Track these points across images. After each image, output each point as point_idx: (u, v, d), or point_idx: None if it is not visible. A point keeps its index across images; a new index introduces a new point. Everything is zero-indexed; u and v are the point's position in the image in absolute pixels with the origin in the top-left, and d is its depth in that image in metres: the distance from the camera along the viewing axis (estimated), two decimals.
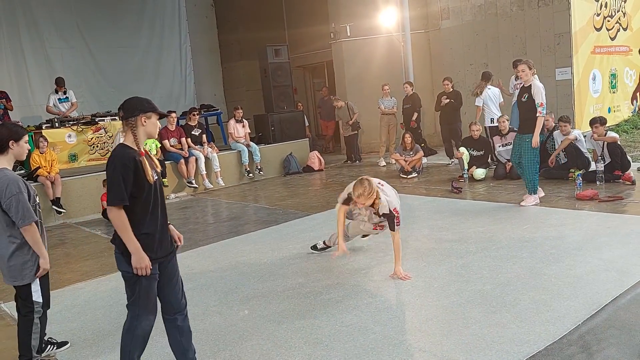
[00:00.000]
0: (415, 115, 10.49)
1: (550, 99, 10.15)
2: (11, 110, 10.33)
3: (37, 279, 3.30)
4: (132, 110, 2.77)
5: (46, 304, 3.41)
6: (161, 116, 2.92)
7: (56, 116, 9.70)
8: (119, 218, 2.68)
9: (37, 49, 12.60)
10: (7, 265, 3.22)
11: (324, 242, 5.18)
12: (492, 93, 9.09)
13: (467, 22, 11.63)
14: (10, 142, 3.22)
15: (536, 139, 6.08)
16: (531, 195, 6.36)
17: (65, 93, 10.36)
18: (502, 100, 9.29)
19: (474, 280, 4.12)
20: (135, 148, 2.75)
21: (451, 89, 9.89)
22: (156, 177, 2.81)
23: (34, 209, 3.22)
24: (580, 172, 6.91)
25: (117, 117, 9.81)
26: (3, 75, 11.48)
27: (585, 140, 7.51)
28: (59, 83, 10.35)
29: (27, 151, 3.38)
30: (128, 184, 2.67)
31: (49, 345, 3.59)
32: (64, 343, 3.65)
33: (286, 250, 5.47)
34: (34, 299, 3.29)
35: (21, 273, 3.22)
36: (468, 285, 4.04)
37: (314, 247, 5.23)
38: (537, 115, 6.02)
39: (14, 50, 12.26)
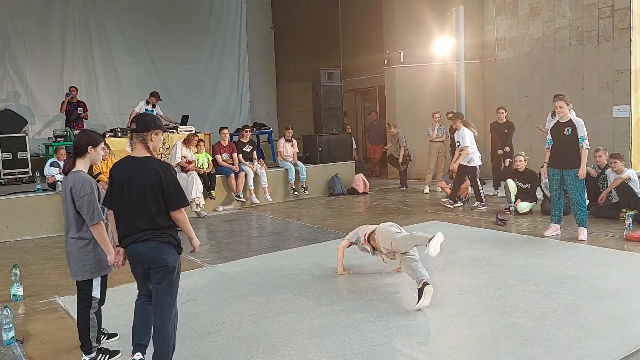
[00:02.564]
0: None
1: (607, 137, 9.94)
2: (86, 119, 11.07)
3: (99, 277, 3.58)
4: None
5: (102, 300, 3.69)
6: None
7: (120, 126, 10.29)
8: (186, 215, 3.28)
9: (107, 63, 13.43)
10: (73, 261, 3.53)
11: None
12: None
13: (524, 54, 11.56)
14: (89, 147, 3.53)
15: (584, 171, 6.14)
16: (556, 225, 6.51)
17: (154, 107, 10.99)
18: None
19: (509, 313, 4.10)
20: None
21: (504, 119, 9.85)
22: None
23: (104, 211, 3.50)
24: (632, 212, 6.72)
25: (175, 130, 10.33)
26: (74, 84, 12.24)
27: (639, 181, 7.30)
28: (154, 95, 11.07)
29: (102, 157, 3.66)
30: None
31: (101, 335, 3.84)
32: (114, 334, 3.94)
33: (324, 268, 5.58)
34: (93, 294, 3.56)
35: (83, 269, 3.51)
36: (502, 317, 4.03)
37: None
38: (585, 148, 6.13)
39: (86, 62, 13.13)
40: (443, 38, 11.97)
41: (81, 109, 10.89)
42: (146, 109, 10.97)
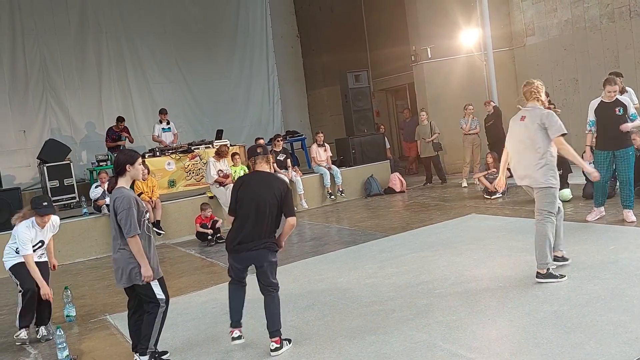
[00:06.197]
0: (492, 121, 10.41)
1: None
2: (132, 142, 11.49)
3: (156, 280, 3.77)
4: None
5: (167, 301, 3.88)
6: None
7: (158, 145, 10.62)
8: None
9: (142, 86, 13.89)
10: (123, 269, 3.73)
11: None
12: None
13: (554, 37, 11.29)
14: (127, 165, 3.76)
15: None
16: (599, 208, 6.36)
17: (168, 123, 11.33)
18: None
19: (550, 301, 4.04)
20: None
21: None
22: None
23: (144, 224, 3.73)
24: None
25: (210, 145, 10.57)
26: (112, 109, 12.76)
27: None
28: (163, 112, 11.43)
29: (142, 172, 3.88)
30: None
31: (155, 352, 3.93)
32: (165, 352, 4.01)
33: (362, 269, 5.62)
34: (157, 297, 3.77)
35: (131, 276, 3.72)
36: (543, 306, 3.97)
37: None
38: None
39: (122, 87, 13.61)
40: (469, 29, 11.83)
41: (125, 137, 11.28)
42: (162, 128, 11.25)
